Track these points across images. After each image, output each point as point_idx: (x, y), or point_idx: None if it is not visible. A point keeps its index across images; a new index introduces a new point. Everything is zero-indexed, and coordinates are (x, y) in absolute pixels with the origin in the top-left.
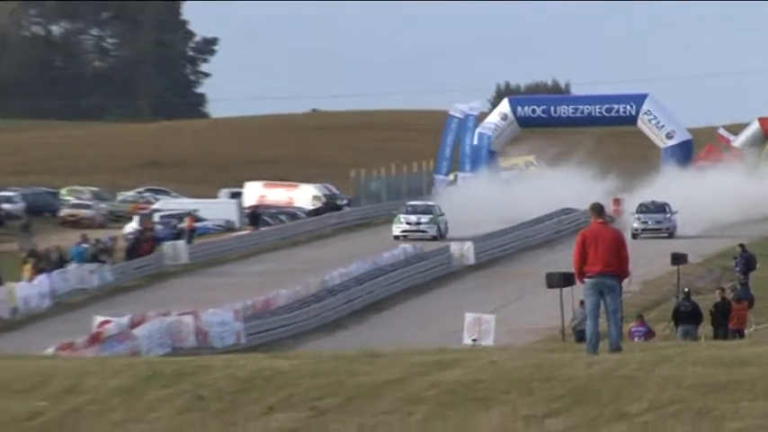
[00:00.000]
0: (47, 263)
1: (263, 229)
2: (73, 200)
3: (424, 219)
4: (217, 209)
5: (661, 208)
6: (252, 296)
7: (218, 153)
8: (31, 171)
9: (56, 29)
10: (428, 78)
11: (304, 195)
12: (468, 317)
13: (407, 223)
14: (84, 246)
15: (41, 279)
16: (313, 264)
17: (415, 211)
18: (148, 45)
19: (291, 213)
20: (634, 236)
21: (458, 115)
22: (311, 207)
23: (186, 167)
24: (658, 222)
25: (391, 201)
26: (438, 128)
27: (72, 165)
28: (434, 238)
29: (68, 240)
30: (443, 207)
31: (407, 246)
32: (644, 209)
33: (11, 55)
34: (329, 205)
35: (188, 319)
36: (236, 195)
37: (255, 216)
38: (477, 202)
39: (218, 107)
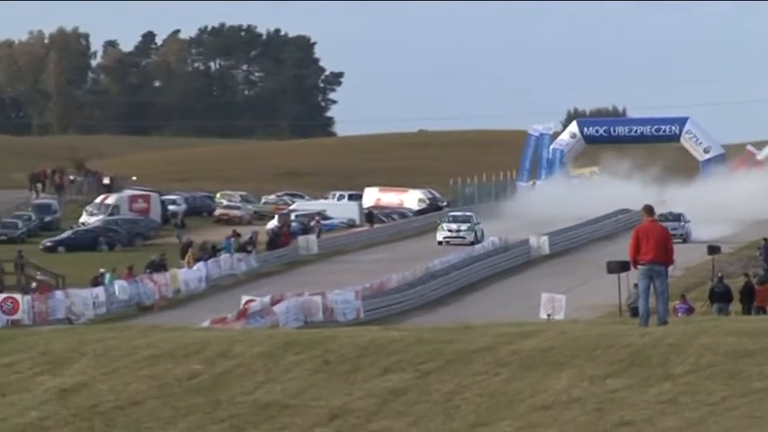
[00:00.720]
0: (203, 253)
1: (377, 225)
2: (225, 202)
3: (464, 227)
4: (341, 209)
5: (676, 217)
6: (369, 280)
7: (343, 165)
8: (193, 178)
9: (213, 64)
10: (512, 103)
11: (412, 198)
12: (544, 296)
13: (449, 230)
14: (231, 240)
15: (199, 266)
16: (418, 254)
17: (455, 220)
18: (288, 78)
19: (401, 213)
20: None
21: (535, 134)
22: (417, 208)
23: (317, 176)
24: (674, 229)
25: (482, 203)
26: (519, 144)
27: (225, 174)
28: (472, 243)
29: (221, 235)
30: (524, 208)
31: (495, 238)
32: (662, 218)
33: (177, 85)
34: (432, 206)
35: (317, 298)
36: (354, 198)
37: (370, 215)
38: (552, 203)
39: (343, 127)
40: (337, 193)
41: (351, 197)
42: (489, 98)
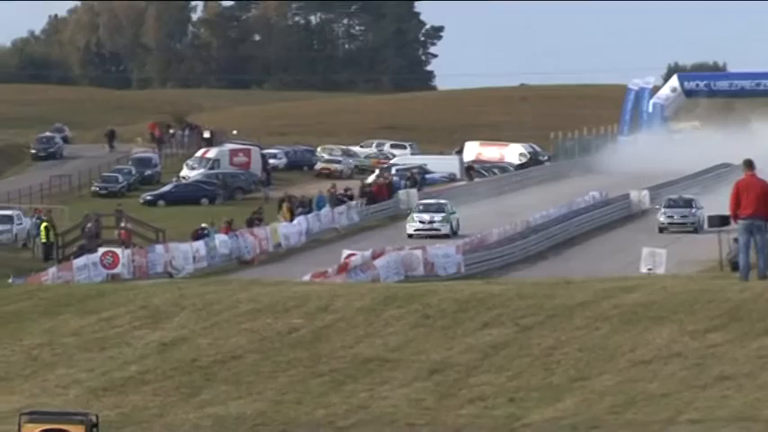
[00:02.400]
0: (301, 207)
1: (477, 180)
2: (326, 156)
3: (437, 217)
4: (442, 164)
5: (688, 203)
6: (469, 234)
7: (443, 119)
8: (293, 132)
9: (313, 18)
10: (612, 57)
11: (512, 153)
12: (645, 250)
13: (420, 222)
14: (323, 194)
15: (300, 220)
16: (519, 208)
17: (427, 209)
18: (389, 32)
19: (502, 167)
20: (661, 230)
21: (635, 88)
22: (518, 162)
23: (417, 131)
24: (684, 217)
25: (582, 157)
26: (619, 98)
27: (326, 128)
28: (447, 236)
29: (322, 189)
30: (624, 163)
31: (595, 192)
32: (671, 203)
33: (278, 39)
34: (533, 161)
35: (418, 252)
36: (398, 147)
37: (470, 169)
38: (653, 158)
39: (443, 81)
40: (375, 142)
41: (393, 146)
42: (589, 52)
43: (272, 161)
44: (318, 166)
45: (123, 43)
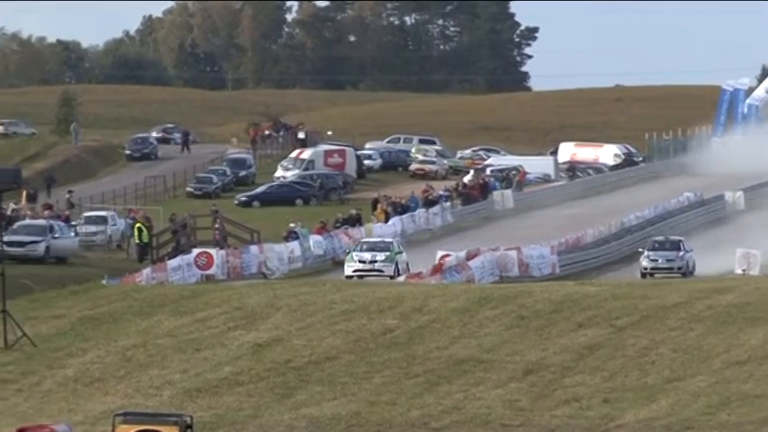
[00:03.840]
0: (394, 208)
1: (571, 181)
2: (421, 157)
3: (380, 257)
4: (537, 164)
5: (675, 245)
6: (564, 234)
7: (538, 120)
8: (388, 133)
9: (408, 19)
10: (706, 59)
11: (607, 153)
12: (739, 251)
13: (360, 261)
14: (417, 196)
15: (394, 221)
16: (614, 208)
17: (371, 248)
18: (483, 33)
19: (597, 168)
20: (643, 275)
21: (729, 89)
22: (613, 163)
23: (512, 131)
24: (670, 261)
25: (677, 158)
26: (713, 99)
27: (420, 128)
28: (392, 278)
29: (417, 190)
30: (719, 164)
31: (690, 193)
32: (657, 245)
33: (372, 40)
34: (627, 161)
35: (512, 253)
36: (428, 142)
37: (573, 170)
38: (747, 159)
39: (538, 82)
40: (416, 138)
41: (422, 141)
42: (684, 53)
43: (366, 162)
44: (413, 166)
45: (218, 44)
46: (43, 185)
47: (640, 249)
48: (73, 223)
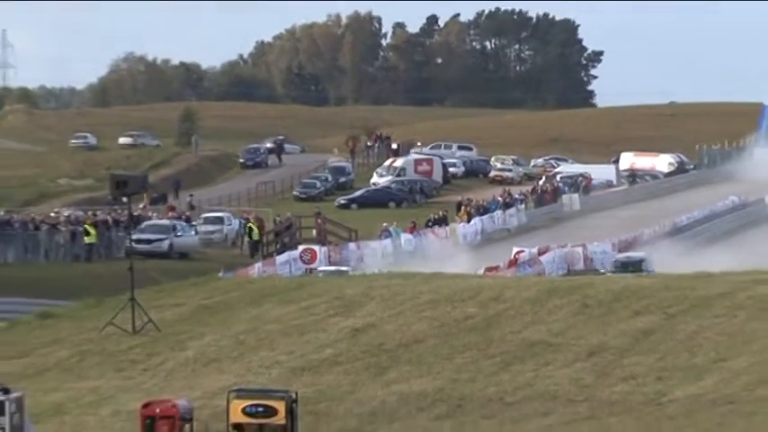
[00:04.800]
0: (476, 209)
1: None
2: (499, 165)
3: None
4: (600, 171)
5: (637, 265)
6: (624, 233)
7: (601, 133)
8: (467, 142)
9: (488, 44)
10: (750, 79)
11: (662, 162)
12: None
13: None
14: (498, 199)
15: (476, 221)
16: (667, 210)
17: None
18: (554, 56)
19: (653, 175)
20: None
21: None
22: (667, 170)
23: (578, 143)
24: None
25: (723, 166)
26: (756, 114)
27: (498, 140)
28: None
29: (495, 194)
30: (761, 171)
31: (734, 197)
32: (618, 265)
33: (457, 62)
34: (680, 169)
35: (578, 249)
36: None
37: (633, 176)
38: None
39: (602, 99)
40: (455, 145)
41: (460, 147)
42: (729, 75)
43: (451, 169)
44: (492, 173)
45: (321, 66)
46: (170, 190)
47: (603, 270)
48: (193, 223)
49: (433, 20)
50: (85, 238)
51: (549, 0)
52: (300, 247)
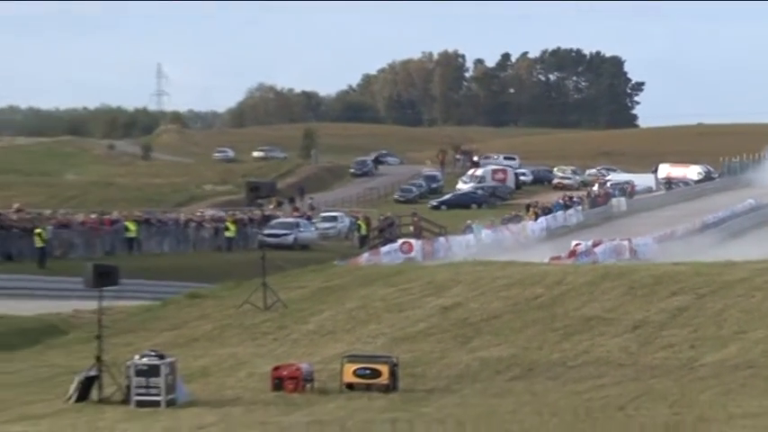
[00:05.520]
0: (541, 210)
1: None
2: (560, 174)
3: None
4: (642, 179)
5: None
6: (662, 229)
7: (643, 148)
8: (537, 157)
9: (551, 76)
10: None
11: (693, 172)
12: None
13: None
14: (560, 201)
15: (541, 219)
16: (697, 211)
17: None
18: (604, 86)
19: (685, 182)
20: None
21: None
22: (696, 178)
23: (625, 156)
24: None
25: (743, 175)
26: None
27: (560, 154)
28: None
29: (557, 198)
30: None
31: (752, 200)
32: None
33: (526, 91)
34: (707, 177)
35: (625, 242)
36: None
37: (669, 183)
38: None
39: (644, 121)
40: (501, 156)
41: (506, 158)
42: (749, 99)
43: (522, 177)
44: (555, 181)
45: (416, 93)
46: (296, 194)
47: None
48: (313, 221)
49: (506, 57)
50: (226, 232)
51: (599, 39)
52: (400, 241)
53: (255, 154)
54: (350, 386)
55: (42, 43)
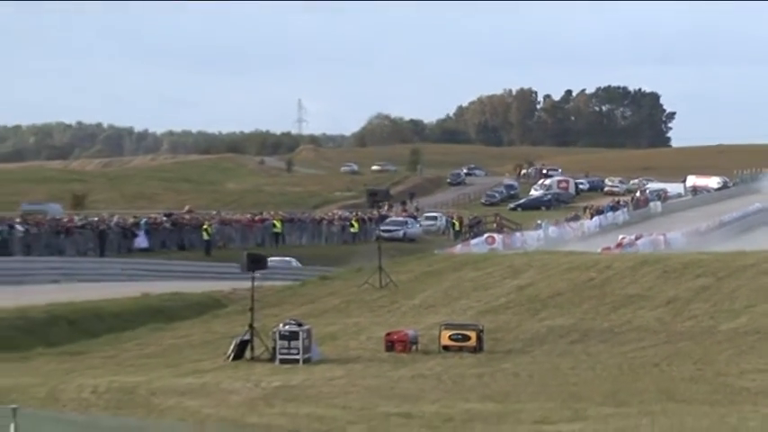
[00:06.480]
0: (595, 211)
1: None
2: (610, 183)
3: None
4: (673, 187)
5: None
6: (689, 226)
7: (675, 164)
8: (593, 170)
9: (604, 107)
10: None
11: (713, 181)
12: None
13: None
14: (610, 204)
15: (595, 219)
16: (716, 212)
17: None
18: (645, 114)
19: (707, 190)
20: None
21: None
22: (716, 187)
23: (660, 170)
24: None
25: (753, 183)
26: None
27: (610, 168)
28: None
29: (607, 201)
30: None
31: (759, 203)
32: None
33: (583, 119)
34: (725, 186)
35: (660, 236)
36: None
37: (695, 190)
38: None
39: (676, 143)
40: (544, 167)
41: (549, 169)
42: (763, 121)
43: (580, 186)
44: (606, 189)
45: (498, 121)
46: (407, 198)
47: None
48: (418, 219)
49: (569, 92)
50: (351, 228)
51: (641, 79)
52: (485, 235)
53: (374, 168)
54: (446, 348)
55: (212, 82)
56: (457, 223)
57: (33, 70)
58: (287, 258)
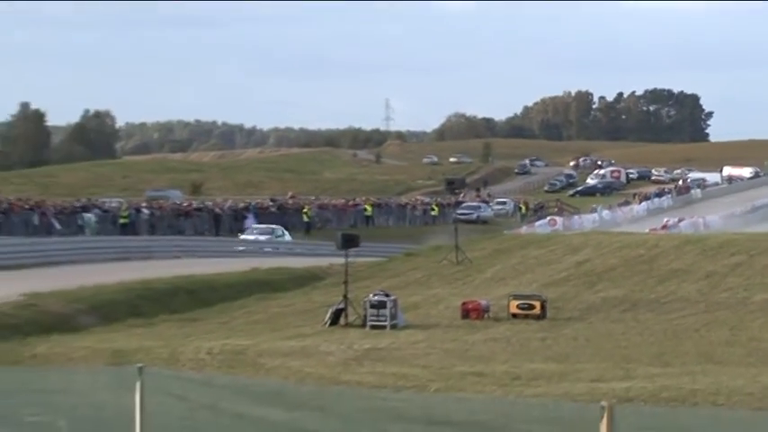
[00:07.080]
0: (643, 197)
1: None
2: (656, 173)
3: (262, 238)
4: (712, 177)
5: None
6: (725, 210)
7: (712, 156)
8: (643, 161)
9: (651, 108)
10: None
11: (746, 171)
12: None
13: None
14: (656, 191)
15: (644, 204)
16: (750, 198)
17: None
18: (686, 114)
19: (741, 178)
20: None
21: None
22: (749, 176)
23: (700, 161)
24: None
25: None
26: None
27: (656, 159)
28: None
29: (654, 189)
30: None
31: None
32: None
33: (632, 117)
34: (756, 175)
35: (700, 219)
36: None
37: (730, 179)
38: None
39: (714, 137)
40: (598, 159)
41: (600, 165)
42: None
43: (630, 176)
44: (653, 177)
45: (559, 118)
46: (481, 185)
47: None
48: (490, 204)
49: (620, 94)
50: (431, 212)
51: (683, 82)
52: (548, 218)
53: (451, 159)
54: (514, 315)
55: (313, 86)
56: (523, 207)
57: (158, 75)
58: (272, 226)
